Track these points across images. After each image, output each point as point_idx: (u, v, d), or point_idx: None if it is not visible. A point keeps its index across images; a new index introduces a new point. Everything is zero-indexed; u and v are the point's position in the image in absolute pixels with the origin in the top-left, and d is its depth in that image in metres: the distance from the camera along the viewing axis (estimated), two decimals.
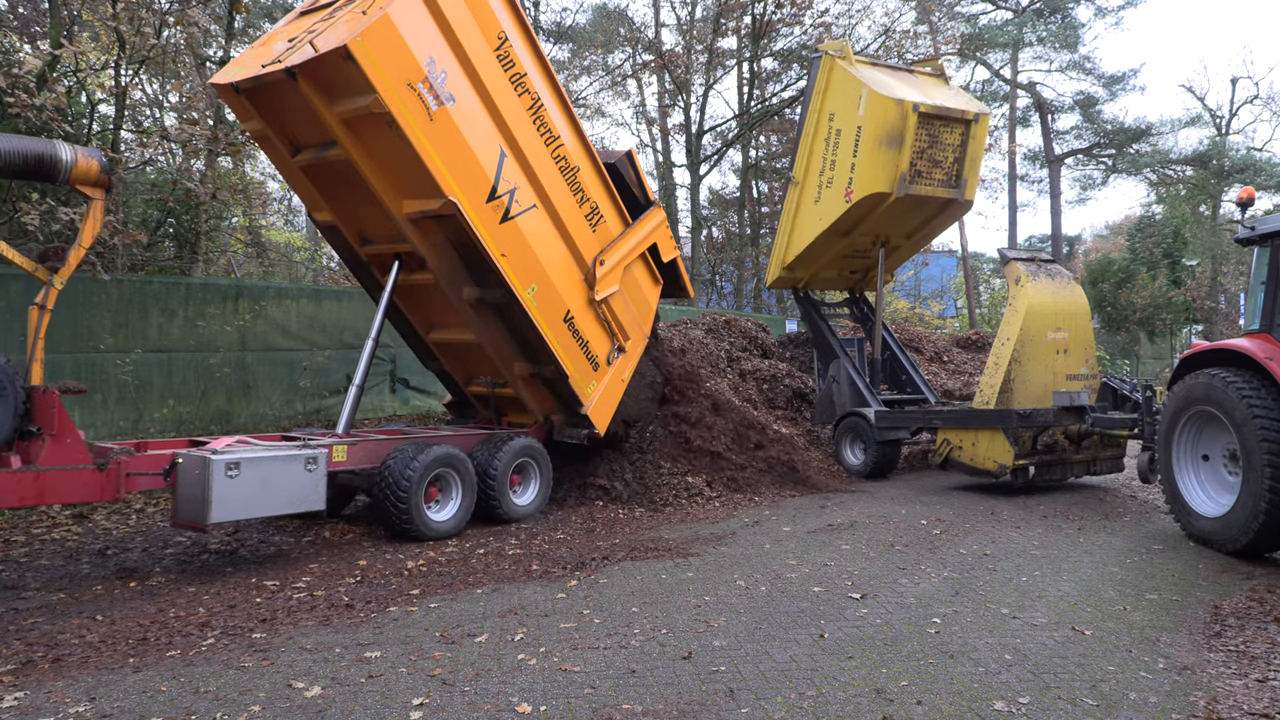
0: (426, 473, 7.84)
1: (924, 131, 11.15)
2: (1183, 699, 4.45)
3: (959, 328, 31.63)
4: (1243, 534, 7.24)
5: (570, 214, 8.89)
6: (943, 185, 11.56)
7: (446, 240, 8.19)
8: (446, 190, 7.73)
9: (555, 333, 8.71)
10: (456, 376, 9.97)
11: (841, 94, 11.67)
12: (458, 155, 7.84)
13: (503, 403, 9.70)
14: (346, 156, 7.79)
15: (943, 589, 6.38)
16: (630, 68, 29.13)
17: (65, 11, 11.65)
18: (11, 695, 4.43)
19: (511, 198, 8.30)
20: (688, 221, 28.01)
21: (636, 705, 4.31)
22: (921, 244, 13.42)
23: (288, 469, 6.83)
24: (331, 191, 8.57)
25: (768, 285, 13.54)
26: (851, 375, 12.15)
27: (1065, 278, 10.81)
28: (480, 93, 7.99)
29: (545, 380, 9.04)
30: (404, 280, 8.76)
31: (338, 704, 4.33)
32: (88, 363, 10.71)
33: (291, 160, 8.36)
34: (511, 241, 8.32)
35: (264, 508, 6.74)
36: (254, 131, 8.52)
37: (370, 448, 7.98)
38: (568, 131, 8.87)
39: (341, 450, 7.69)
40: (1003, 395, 10.07)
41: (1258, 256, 7.98)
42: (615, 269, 9.38)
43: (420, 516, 7.83)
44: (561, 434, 9.35)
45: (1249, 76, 63.56)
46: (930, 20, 28.56)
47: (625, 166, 9.92)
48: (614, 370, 9.45)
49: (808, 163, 12.15)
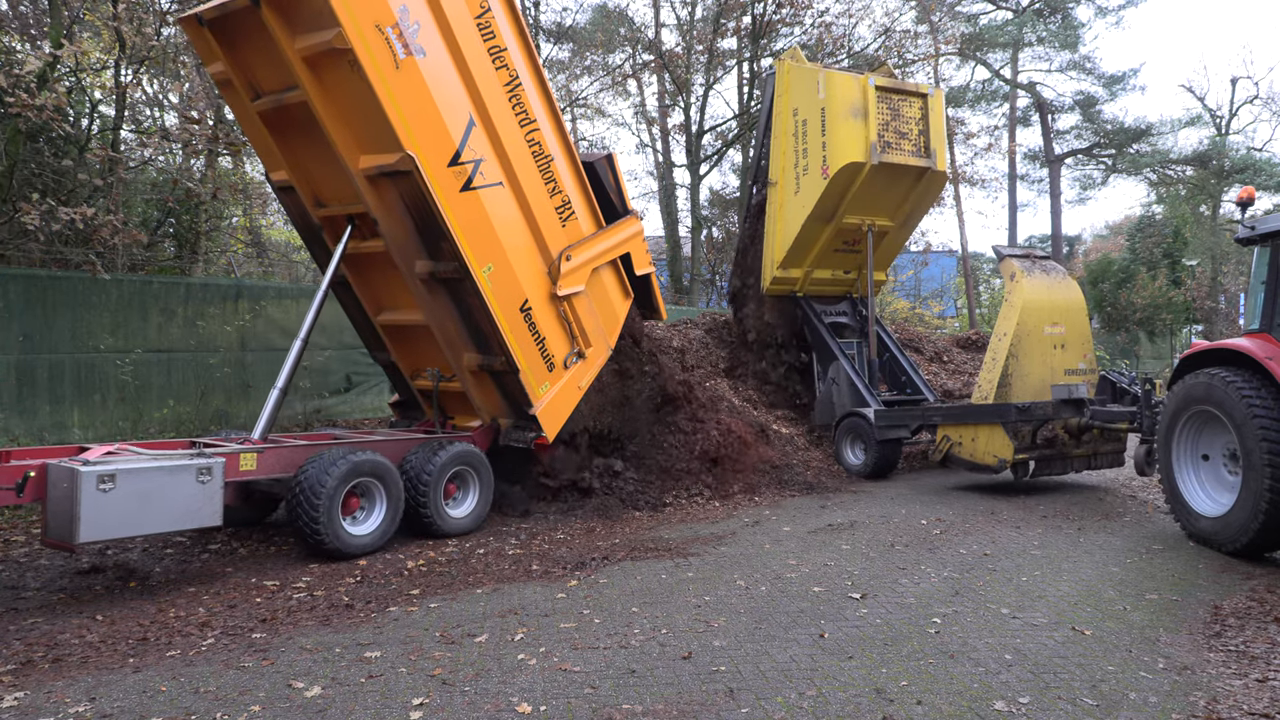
0: (345, 482, 7.22)
1: (884, 105, 11.82)
2: (1183, 699, 4.45)
3: (959, 328, 31.61)
4: (1242, 534, 7.24)
5: (539, 201, 8.64)
6: (913, 155, 12.04)
7: (402, 202, 7.87)
8: (405, 143, 7.47)
9: (509, 320, 8.34)
10: (403, 368, 9.51)
11: (800, 88, 12.29)
12: (422, 111, 7.59)
13: (449, 401, 9.30)
14: (305, 99, 7.52)
15: (943, 589, 6.38)
16: (630, 68, 29.11)
17: (65, 11, 11.64)
18: (11, 695, 4.43)
19: (476, 168, 8.03)
20: (688, 221, 28.02)
21: (636, 705, 4.31)
22: (909, 227, 13.49)
23: (175, 481, 6.22)
24: (290, 145, 8.29)
25: (765, 292, 13.50)
26: (850, 376, 12.17)
27: (1060, 273, 10.87)
28: (454, 55, 7.81)
29: (495, 375, 8.62)
30: (355, 249, 8.46)
31: (338, 704, 4.33)
32: (88, 363, 10.71)
33: (251, 106, 8.09)
34: (471, 213, 8.02)
35: (146, 524, 6.11)
36: (217, 75, 8.28)
37: (284, 455, 7.36)
38: (545, 118, 8.67)
39: (249, 458, 7.06)
40: (1001, 390, 10.10)
41: (1258, 256, 7.98)
42: (582, 268, 9.08)
43: (335, 530, 7.15)
44: (508, 438, 8.87)
45: (1249, 76, 63.60)
46: (930, 20, 28.55)
47: (605, 170, 9.70)
48: (571, 375, 9.05)
49: (781, 162, 12.61)
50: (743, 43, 25.82)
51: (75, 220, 10.05)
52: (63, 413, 10.55)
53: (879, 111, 11.71)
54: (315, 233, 8.91)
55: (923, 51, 26.92)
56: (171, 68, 14.00)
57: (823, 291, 13.49)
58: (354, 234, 8.40)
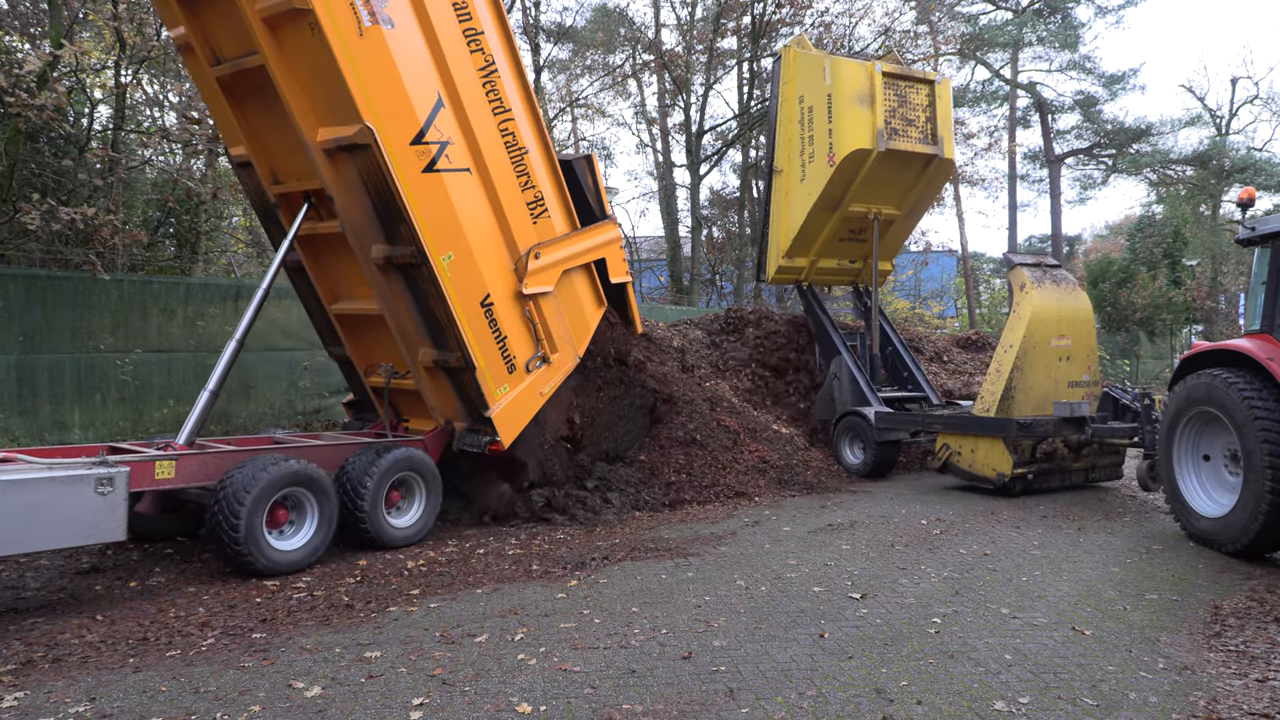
0: (270, 492, 6.66)
1: (891, 92, 11.73)
2: (1183, 699, 4.45)
3: (959, 328, 31.63)
4: (1243, 534, 7.24)
5: (509, 194, 8.31)
6: (920, 142, 11.96)
7: (360, 179, 7.53)
8: (365, 114, 7.16)
9: (468, 314, 7.95)
10: (357, 364, 9.08)
11: (806, 74, 12.23)
12: (385, 83, 7.31)
13: (404, 402, 8.90)
14: (263, 63, 7.22)
15: (943, 589, 6.38)
16: (630, 68, 29.12)
17: (65, 11, 11.65)
18: (11, 695, 4.43)
19: (442, 151, 7.72)
20: (688, 221, 28.01)
21: (636, 705, 4.31)
22: (915, 217, 13.43)
23: (68, 493, 5.66)
24: (248, 116, 8.02)
25: (768, 280, 13.45)
26: (853, 372, 12.12)
27: (1070, 283, 10.76)
28: (426, 30, 7.57)
29: (451, 372, 8.20)
30: (311, 230, 8.14)
31: (338, 704, 4.33)
32: (88, 363, 10.72)
33: (210, 72, 7.83)
34: (433, 197, 7.69)
35: (32, 540, 5.54)
36: (178, 40, 8.09)
37: (207, 462, 6.82)
38: (521, 108, 8.41)
39: (166, 466, 6.56)
40: (1004, 403, 10.03)
41: (1258, 257, 7.97)
42: (551, 269, 8.71)
43: (259, 545, 6.59)
44: (462, 442, 8.40)
45: (1249, 76, 63.55)
46: (930, 20, 28.55)
47: (584, 171, 9.43)
48: (533, 380, 8.59)
49: (787, 150, 12.53)
50: (743, 43, 25.82)
51: (75, 220, 10.06)
52: (63, 412, 10.56)
53: (886, 98, 11.64)
54: (272, 212, 8.57)
55: (923, 51, 26.92)
56: (172, 68, 14.01)
57: (828, 281, 13.45)
58: (310, 213, 8.05)
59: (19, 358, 10.19)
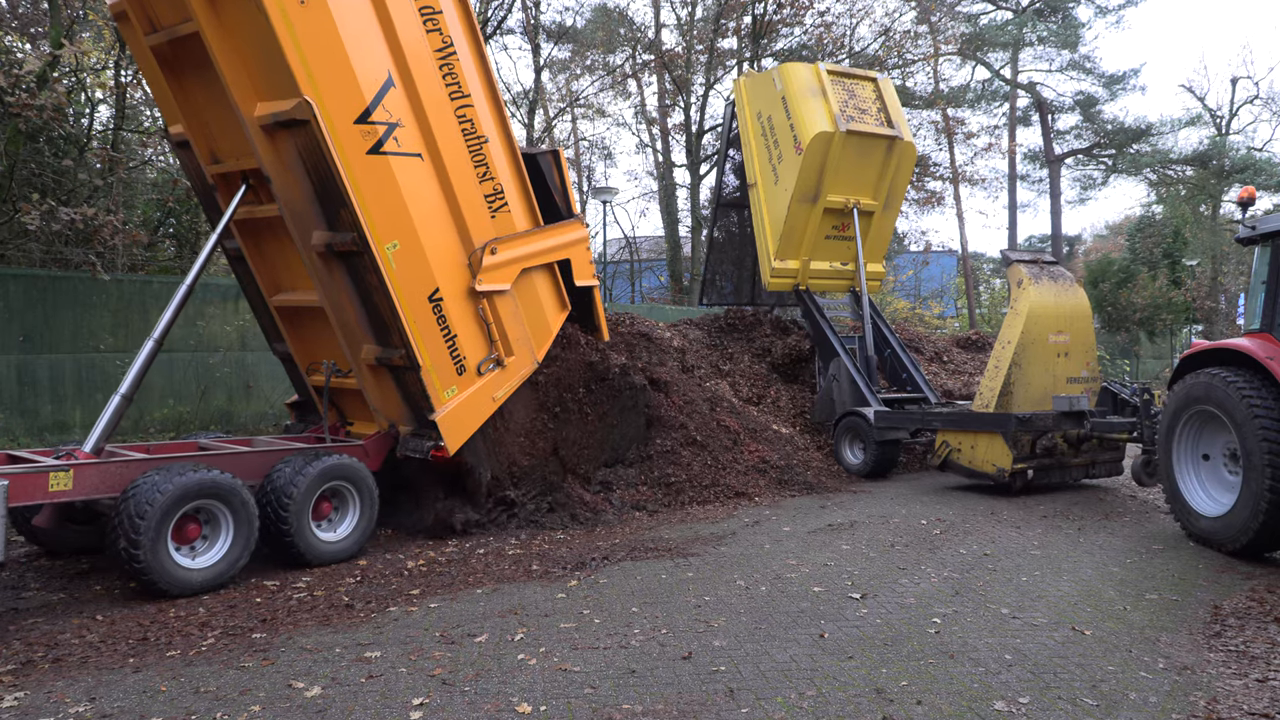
0: (178, 505, 6.08)
1: (839, 86, 12.65)
2: (1183, 699, 4.45)
3: (959, 328, 31.62)
4: (1243, 534, 7.24)
5: (465, 184, 7.86)
6: (878, 125, 12.69)
7: (299, 159, 7.08)
8: (304, 88, 6.73)
9: (414, 309, 7.47)
10: (299, 361, 8.61)
11: (758, 92, 13.12)
12: (328, 57, 6.90)
13: (348, 404, 8.44)
14: (198, 29, 6.79)
15: (943, 589, 6.38)
16: (630, 68, 29.12)
17: (65, 11, 11.65)
18: (11, 695, 4.43)
19: (390, 132, 7.29)
20: (688, 221, 28.01)
21: (636, 705, 4.31)
22: (893, 209, 13.80)
23: None
24: (186, 90, 7.59)
25: (766, 288, 13.58)
26: (852, 374, 12.15)
27: (1068, 280, 10.79)
28: (376, 4, 7.20)
29: (394, 371, 7.70)
30: (249, 214, 7.69)
31: (338, 704, 4.33)
32: (88, 363, 10.72)
33: (145, 41, 7.39)
34: (377, 180, 7.24)
35: None
36: (114, 7, 7.68)
37: (110, 472, 6.28)
38: (482, 95, 8.03)
39: (63, 477, 6.02)
40: (1002, 399, 10.06)
41: (1258, 256, 7.98)
42: (509, 266, 8.23)
43: (161, 563, 6.00)
44: (405, 447, 7.87)
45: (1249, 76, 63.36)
46: (930, 20, 28.55)
47: (549, 166, 8.99)
48: (484, 384, 8.06)
49: (756, 164, 13.21)
50: (743, 43, 25.82)
51: (75, 220, 10.07)
52: (64, 412, 10.57)
53: (835, 91, 12.49)
54: (211, 195, 8.12)
55: (923, 52, 26.94)
56: None
57: (824, 287, 13.51)
58: (248, 195, 7.60)
59: (19, 358, 10.20)
